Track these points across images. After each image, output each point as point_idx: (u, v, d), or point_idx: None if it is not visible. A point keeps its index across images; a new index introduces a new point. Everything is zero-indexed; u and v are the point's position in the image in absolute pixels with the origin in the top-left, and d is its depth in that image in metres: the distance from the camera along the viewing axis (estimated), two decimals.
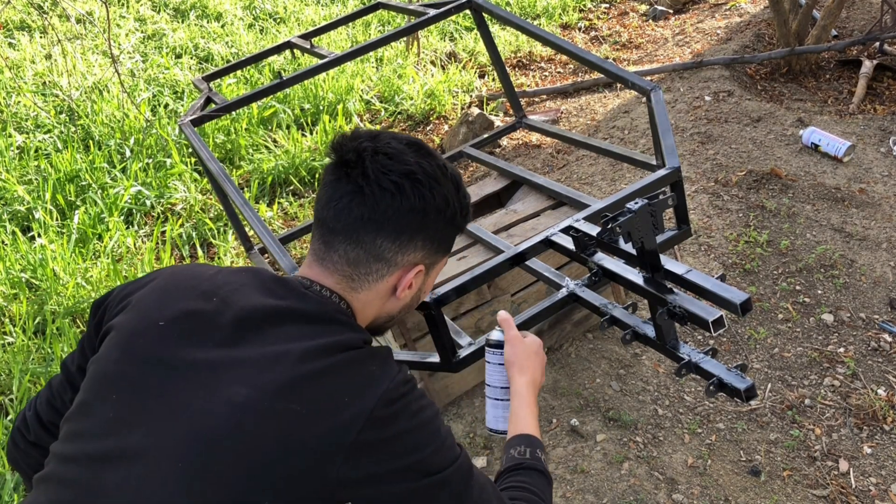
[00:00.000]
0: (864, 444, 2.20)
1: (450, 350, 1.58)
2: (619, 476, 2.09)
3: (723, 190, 3.21)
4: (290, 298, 0.97)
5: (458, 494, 0.96)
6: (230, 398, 0.87)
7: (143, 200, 3.71)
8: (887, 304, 2.65)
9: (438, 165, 1.04)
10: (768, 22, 4.93)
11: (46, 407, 1.11)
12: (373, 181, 0.98)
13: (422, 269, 1.06)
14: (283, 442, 0.86)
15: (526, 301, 2.38)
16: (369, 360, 0.94)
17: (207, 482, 0.85)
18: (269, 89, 2.51)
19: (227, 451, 0.85)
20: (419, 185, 1.00)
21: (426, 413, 0.94)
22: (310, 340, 0.92)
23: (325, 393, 0.88)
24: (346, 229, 1.01)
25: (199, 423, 0.87)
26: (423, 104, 4.57)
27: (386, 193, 0.99)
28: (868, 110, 4.00)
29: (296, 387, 0.88)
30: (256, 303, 0.95)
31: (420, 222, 1.02)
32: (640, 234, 1.27)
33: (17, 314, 2.97)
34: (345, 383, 0.90)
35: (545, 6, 5.89)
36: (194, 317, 0.94)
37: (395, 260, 1.03)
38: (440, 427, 0.96)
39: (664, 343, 1.38)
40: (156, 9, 6.32)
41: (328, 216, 1.02)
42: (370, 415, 0.88)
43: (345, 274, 1.02)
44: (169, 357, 0.92)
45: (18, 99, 4.63)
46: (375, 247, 1.01)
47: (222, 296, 0.96)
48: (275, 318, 0.94)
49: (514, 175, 2.70)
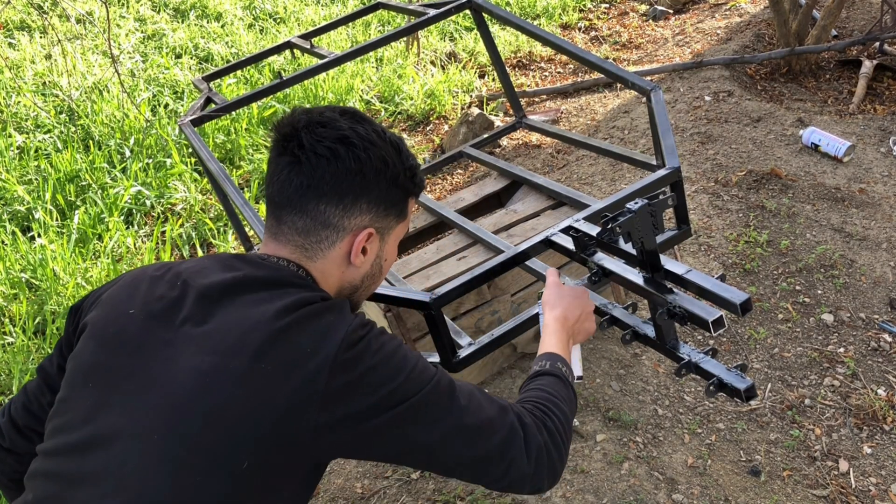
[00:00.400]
0: (864, 444, 2.20)
1: (450, 350, 1.58)
2: (618, 476, 2.09)
3: (723, 190, 3.21)
4: (246, 269, 1.01)
5: (446, 408, 0.98)
6: (195, 366, 0.90)
7: (143, 200, 3.71)
8: (887, 304, 2.65)
9: (374, 129, 1.07)
10: (768, 22, 4.93)
11: (23, 412, 1.12)
12: (308, 150, 1.02)
13: (373, 233, 1.08)
14: (255, 402, 0.88)
15: (526, 301, 2.38)
16: (326, 312, 0.96)
17: (186, 449, 0.87)
18: (269, 89, 2.51)
19: (198, 416, 0.88)
20: (354, 148, 1.03)
21: (389, 346, 0.97)
22: (268, 303, 0.95)
23: (288, 349, 0.91)
24: (291, 200, 1.04)
25: (169, 395, 0.90)
26: (423, 104, 4.57)
27: (321, 159, 1.02)
28: (868, 110, 4.00)
29: (260, 347, 0.90)
30: (215, 279, 0.99)
31: (360, 184, 1.04)
32: (640, 234, 1.27)
33: (17, 314, 2.97)
34: (306, 336, 0.92)
35: (545, 6, 5.88)
36: (160, 302, 0.98)
37: (342, 225, 1.05)
38: (406, 355, 0.98)
39: (664, 343, 1.38)
40: (156, 9, 6.32)
41: (273, 192, 1.06)
42: (334, 360, 0.90)
43: (297, 244, 1.05)
44: (138, 340, 0.95)
45: (18, 99, 4.63)
46: (320, 213, 1.04)
47: (184, 279, 1.00)
48: (233, 289, 0.98)
49: (514, 175, 2.70)
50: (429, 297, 1.54)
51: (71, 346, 1.06)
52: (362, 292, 1.15)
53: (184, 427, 0.88)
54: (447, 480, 2.14)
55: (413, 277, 2.25)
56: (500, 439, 1.01)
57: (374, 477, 2.20)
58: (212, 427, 0.87)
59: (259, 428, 0.88)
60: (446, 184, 3.90)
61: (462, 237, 2.40)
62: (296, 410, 0.88)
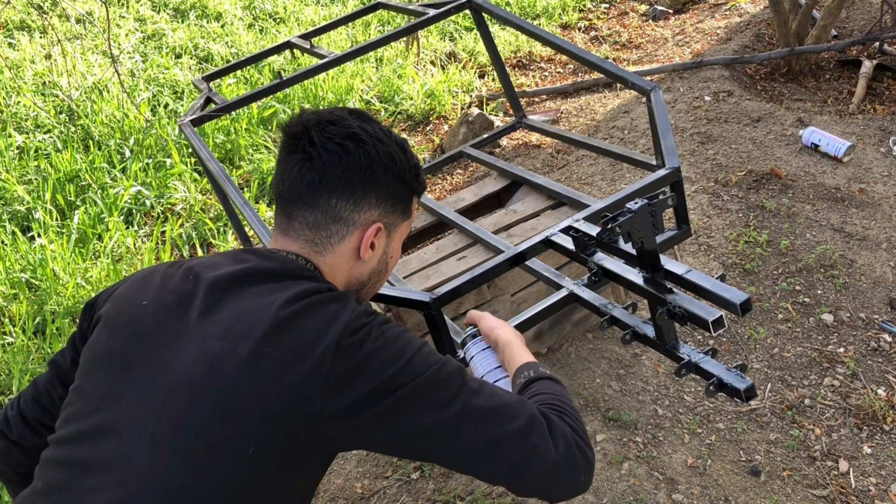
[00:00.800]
0: (864, 444, 2.20)
1: (450, 350, 1.58)
2: (618, 476, 2.09)
3: (723, 190, 3.21)
4: (256, 260, 1.03)
5: (455, 391, 0.94)
6: (205, 352, 0.92)
7: (142, 200, 3.71)
8: (887, 304, 2.65)
9: (381, 128, 1.10)
10: (768, 22, 4.93)
11: (32, 405, 1.13)
12: (319, 146, 1.04)
13: (381, 228, 1.10)
14: (263, 387, 0.89)
15: (526, 301, 2.38)
16: (332, 301, 0.97)
17: (195, 434, 0.88)
18: (268, 89, 2.51)
19: (207, 401, 0.89)
20: (363, 144, 1.05)
21: (391, 331, 0.97)
22: (276, 293, 0.96)
23: (294, 336, 0.92)
24: (302, 196, 1.06)
25: (179, 381, 0.91)
26: (423, 104, 4.57)
27: (332, 155, 1.04)
28: (868, 110, 4.00)
29: (266, 334, 0.92)
30: (225, 271, 1.01)
31: (370, 179, 1.06)
32: (639, 234, 1.27)
33: (17, 314, 2.97)
34: (311, 324, 0.93)
35: (545, 6, 5.88)
36: (172, 294, 1.00)
37: (352, 219, 1.07)
38: (410, 340, 0.97)
39: (664, 343, 1.38)
40: (156, 9, 6.32)
41: (284, 189, 1.07)
42: (337, 346, 0.91)
43: (307, 239, 1.07)
44: (151, 330, 0.97)
45: (18, 99, 4.63)
46: (331, 207, 1.06)
47: (196, 272, 1.02)
48: (243, 279, 1.00)
49: (514, 175, 2.70)
50: (429, 297, 1.54)
51: (85, 339, 1.07)
52: (369, 289, 1.16)
53: (193, 412, 0.89)
54: (447, 480, 2.14)
55: (413, 277, 2.25)
56: (520, 425, 0.94)
57: (373, 477, 2.20)
58: (220, 412, 0.88)
59: (266, 413, 0.88)
60: (446, 184, 3.90)
61: (462, 237, 2.40)
62: (301, 398, 0.89)
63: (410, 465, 2.22)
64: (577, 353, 2.51)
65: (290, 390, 0.89)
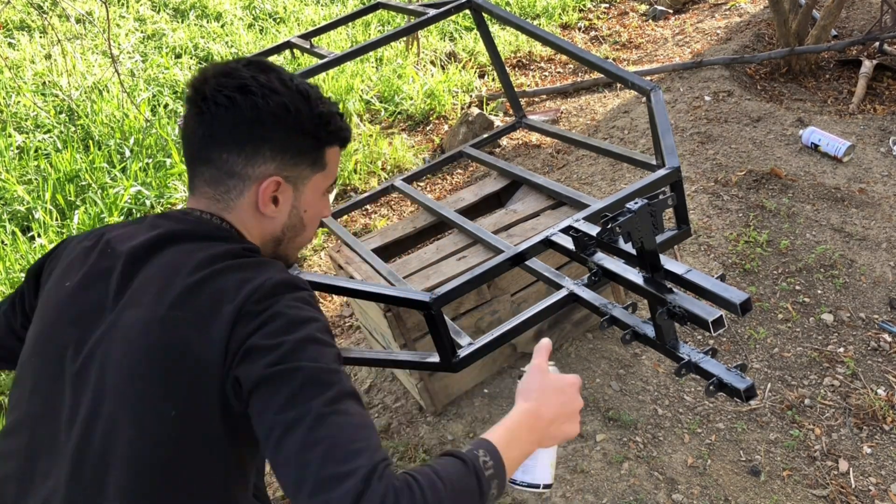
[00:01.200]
0: (864, 444, 2.20)
1: (450, 350, 1.58)
2: (618, 476, 2.09)
3: (723, 190, 3.21)
4: (168, 224, 1.04)
5: (319, 398, 0.86)
6: (125, 322, 0.95)
7: (142, 200, 3.71)
8: (887, 304, 2.65)
9: (279, 78, 1.05)
10: (768, 22, 4.93)
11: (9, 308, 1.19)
12: (210, 100, 1.02)
13: (280, 182, 1.06)
14: (178, 350, 0.91)
15: (526, 301, 2.38)
16: (249, 267, 0.97)
17: (126, 405, 0.91)
18: None
19: (131, 368, 0.92)
20: (252, 95, 1.02)
21: (303, 313, 0.93)
22: (191, 255, 0.98)
23: (206, 300, 0.93)
24: (198, 152, 1.05)
25: (107, 353, 0.94)
26: (423, 104, 4.56)
27: (220, 108, 1.02)
28: (868, 110, 4.00)
29: (181, 298, 0.93)
30: (140, 239, 1.02)
31: (259, 132, 1.03)
32: (639, 234, 1.27)
33: None
34: (222, 288, 0.94)
35: (545, 6, 5.88)
36: (93, 270, 1.02)
37: (245, 173, 1.05)
38: (318, 331, 0.92)
39: (664, 343, 1.38)
40: (155, 9, 6.32)
41: (184, 147, 1.08)
42: (239, 311, 0.91)
43: (209, 196, 1.07)
44: (76, 311, 1.00)
45: (18, 99, 4.63)
46: (223, 162, 1.04)
47: (112, 246, 1.04)
48: (158, 245, 1.01)
49: (513, 175, 2.70)
50: (429, 297, 1.54)
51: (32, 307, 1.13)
52: (287, 244, 1.14)
53: (123, 383, 0.92)
54: None
55: (413, 277, 2.25)
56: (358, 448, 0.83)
57: None
58: (143, 377, 0.91)
59: (181, 377, 0.91)
60: (446, 184, 3.90)
61: (462, 237, 2.40)
62: (209, 359, 0.90)
63: None
64: (577, 353, 2.51)
65: (201, 355, 0.90)
